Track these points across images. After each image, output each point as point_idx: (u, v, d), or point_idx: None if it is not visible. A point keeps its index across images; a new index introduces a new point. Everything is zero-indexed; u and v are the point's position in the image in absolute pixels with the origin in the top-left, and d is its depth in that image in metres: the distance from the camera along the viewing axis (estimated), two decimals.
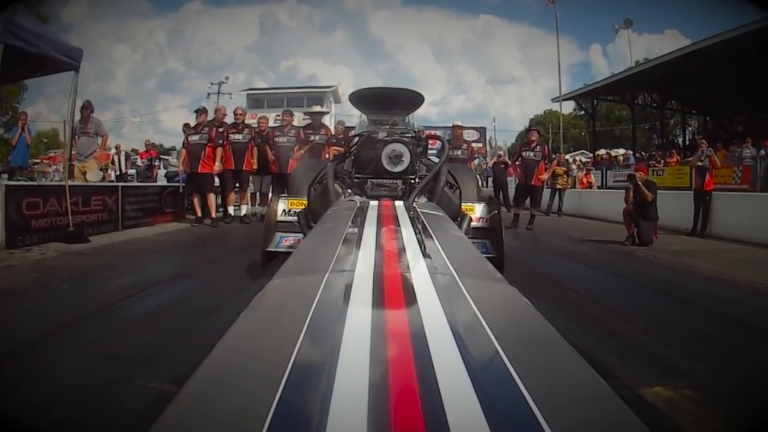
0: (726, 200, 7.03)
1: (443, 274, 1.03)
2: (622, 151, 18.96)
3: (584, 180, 11.50)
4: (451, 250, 1.31)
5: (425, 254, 1.22)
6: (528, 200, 6.86)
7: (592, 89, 19.04)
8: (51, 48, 4.49)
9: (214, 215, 6.04)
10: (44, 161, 19.35)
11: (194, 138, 5.85)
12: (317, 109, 8.42)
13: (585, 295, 3.05)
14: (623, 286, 3.53)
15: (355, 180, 3.26)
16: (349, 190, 3.14)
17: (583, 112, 24.46)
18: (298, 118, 31.36)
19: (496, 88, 62.42)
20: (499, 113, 57.45)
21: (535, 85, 51.29)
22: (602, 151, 17.41)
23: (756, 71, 11.95)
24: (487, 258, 2.50)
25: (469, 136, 29.66)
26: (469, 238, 2.34)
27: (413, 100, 4.80)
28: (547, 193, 10.13)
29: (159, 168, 10.47)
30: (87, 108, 6.43)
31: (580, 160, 16.38)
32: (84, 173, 6.24)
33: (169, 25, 49.96)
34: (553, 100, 23.56)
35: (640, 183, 5.15)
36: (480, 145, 27.06)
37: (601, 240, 5.62)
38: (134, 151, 11.39)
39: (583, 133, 30.82)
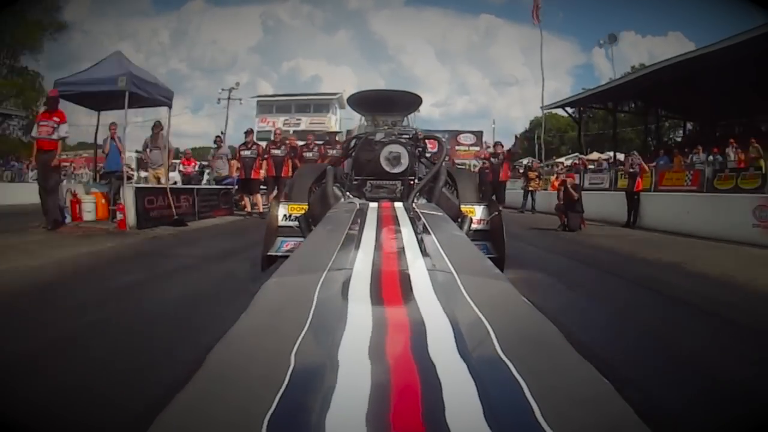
0: (651, 199, 8.99)
1: (443, 272, 1.04)
2: (605, 155, 20.73)
3: (555, 183, 13.43)
4: (451, 249, 1.32)
5: (425, 253, 1.23)
6: (494, 196, 8.93)
7: (578, 98, 20.88)
8: (156, 93, 6.54)
9: (261, 209, 8.11)
10: (70, 163, 21.47)
11: (246, 153, 7.93)
12: (333, 129, 10.55)
13: (514, 260, 4.89)
14: (543, 253, 5.42)
15: (354, 182, 3.31)
16: (349, 193, 3.19)
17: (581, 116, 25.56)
18: (305, 123, 32.59)
19: (499, 90, 63.05)
20: (502, 114, 56.88)
21: (537, 87, 50.78)
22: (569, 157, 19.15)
23: (736, 80, 13.47)
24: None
25: (466, 139, 31.18)
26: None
27: (411, 102, 4.87)
28: (522, 194, 12.16)
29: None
30: (157, 127, 8.38)
31: (563, 164, 18.25)
32: (158, 179, 8.27)
33: (172, 24, 51.38)
34: (543, 108, 25.44)
35: (569, 186, 7.15)
36: (477, 148, 28.73)
37: (543, 228, 7.56)
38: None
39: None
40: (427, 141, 4.11)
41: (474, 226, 3.07)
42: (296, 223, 3.07)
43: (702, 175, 12.66)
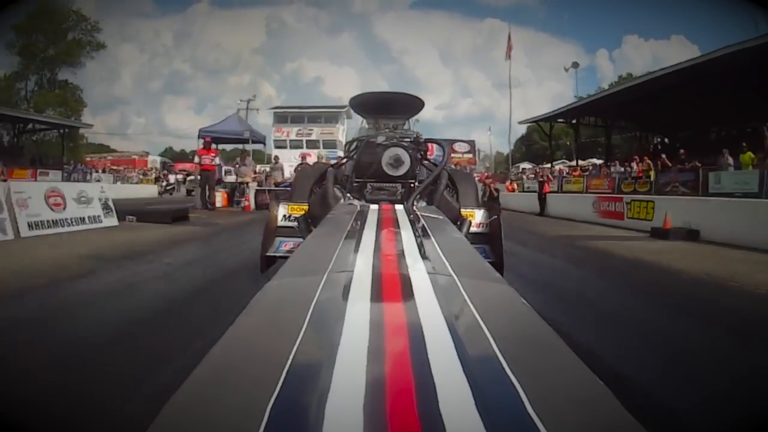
0: (552, 197, 14.20)
1: (442, 274, 1.06)
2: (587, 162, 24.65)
3: (509, 187, 18.63)
4: (451, 251, 1.35)
5: (424, 256, 1.26)
6: None
7: (549, 116, 25.53)
8: (259, 137, 11.85)
9: None
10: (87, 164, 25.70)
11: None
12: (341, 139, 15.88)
13: None
14: None
15: (355, 184, 3.36)
16: (349, 195, 3.26)
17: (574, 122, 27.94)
18: (317, 133, 36.57)
19: (502, 92, 60.73)
20: (505, 117, 56.27)
21: (540, 89, 50.96)
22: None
23: (685, 98, 16.15)
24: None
25: (461, 147, 35.10)
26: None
27: (413, 105, 4.89)
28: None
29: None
30: (244, 152, 13.72)
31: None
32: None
33: (176, 26, 50.92)
34: (520, 122, 30.05)
35: (491, 188, 12.32)
36: (470, 155, 31.24)
37: None
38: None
39: (569, 143, 32.81)
40: (427, 145, 4.17)
41: (473, 229, 3.12)
42: (295, 223, 3.12)
43: (614, 181, 17.99)
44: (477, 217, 3.21)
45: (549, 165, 24.75)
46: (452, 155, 31.36)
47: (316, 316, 0.77)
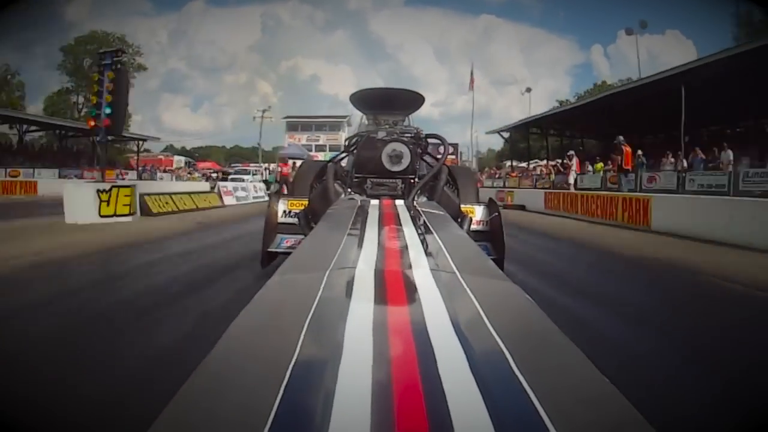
0: (483, 191, 23.10)
1: (445, 271, 1.07)
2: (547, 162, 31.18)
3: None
4: (453, 247, 1.36)
5: (427, 252, 1.28)
6: None
7: (512, 126, 29.49)
8: (308, 155, 20.97)
9: None
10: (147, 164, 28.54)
11: None
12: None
13: None
14: None
15: (355, 179, 3.44)
16: (350, 190, 3.32)
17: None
18: (323, 139, 45.48)
19: (498, 89, 61.31)
20: (501, 114, 54.37)
21: (536, 87, 49.62)
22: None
23: (624, 114, 18.39)
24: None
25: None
26: None
27: (413, 100, 4.97)
28: None
29: None
30: (295, 163, 22.78)
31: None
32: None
33: (172, 24, 51.59)
34: (487, 133, 34.62)
35: None
36: (453, 157, 36.45)
37: None
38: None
39: (546, 145, 35.55)
40: (428, 140, 4.06)
41: (474, 227, 3.15)
42: (295, 219, 3.16)
43: (533, 180, 26.78)
44: (477, 214, 3.36)
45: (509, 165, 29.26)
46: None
47: (320, 314, 0.77)
